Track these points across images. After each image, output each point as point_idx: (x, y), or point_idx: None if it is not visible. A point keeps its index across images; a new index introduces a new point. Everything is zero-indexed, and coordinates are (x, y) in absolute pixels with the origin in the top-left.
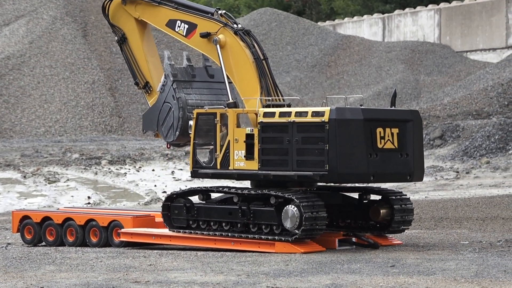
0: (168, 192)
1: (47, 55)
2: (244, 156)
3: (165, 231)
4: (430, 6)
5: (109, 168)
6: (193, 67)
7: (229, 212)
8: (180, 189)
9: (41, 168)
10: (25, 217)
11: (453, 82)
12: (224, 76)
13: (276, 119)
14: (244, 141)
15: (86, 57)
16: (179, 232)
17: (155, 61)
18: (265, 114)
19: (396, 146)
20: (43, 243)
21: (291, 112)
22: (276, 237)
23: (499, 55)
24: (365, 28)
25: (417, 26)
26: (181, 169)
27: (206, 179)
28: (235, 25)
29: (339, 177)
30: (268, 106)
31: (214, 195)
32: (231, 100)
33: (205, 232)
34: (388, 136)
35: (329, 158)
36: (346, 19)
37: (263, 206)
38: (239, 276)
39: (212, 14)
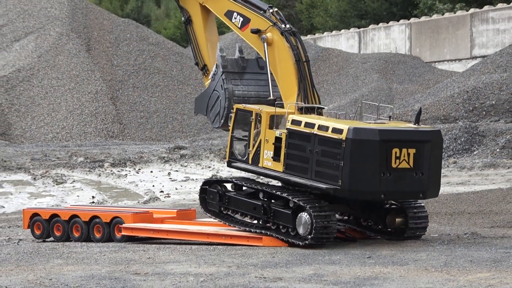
0: (166, 190)
1: (54, 68)
2: (272, 157)
3: (162, 226)
4: (401, 21)
5: (111, 170)
6: (244, 59)
7: (254, 207)
8: (214, 176)
9: (50, 171)
10: (35, 214)
11: (422, 89)
12: (268, 72)
13: (302, 128)
14: (273, 143)
15: (89, 70)
16: (212, 218)
17: (215, 46)
18: (293, 122)
19: (412, 166)
20: (51, 238)
21: (315, 124)
22: (294, 240)
23: (464, 65)
24: (343, 41)
25: (389, 39)
26: (177, 171)
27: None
28: (283, 25)
29: (350, 193)
30: (301, 108)
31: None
32: (271, 97)
33: (232, 224)
34: (404, 156)
35: (342, 174)
36: (325, 33)
37: (283, 207)
38: (230, 267)
39: (265, 11)
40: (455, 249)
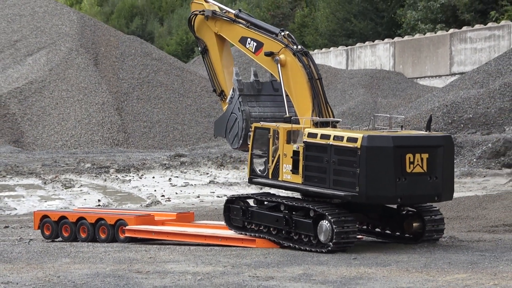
0: (166, 196)
1: (64, 81)
2: (291, 170)
3: (163, 228)
4: (386, 40)
5: (116, 176)
6: (259, 82)
7: (276, 219)
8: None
9: (59, 176)
10: (45, 216)
11: (405, 103)
12: (283, 92)
13: (318, 140)
14: (291, 157)
15: (97, 82)
16: (236, 232)
17: (231, 72)
18: (309, 135)
19: (425, 170)
20: (60, 239)
21: (330, 135)
22: (313, 248)
23: (444, 81)
24: (332, 58)
25: (375, 56)
26: (177, 177)
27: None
28: (295, 47)
29: (368, 199)
30: (317, 123)
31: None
32: (287, 115)
33: (256, 235)
34: (418, 161)
35: (359, 181)
36: (315, 50)
37: (303, 217)
38: (225, 267)
39: (277, 34)
40: (435, 251)
